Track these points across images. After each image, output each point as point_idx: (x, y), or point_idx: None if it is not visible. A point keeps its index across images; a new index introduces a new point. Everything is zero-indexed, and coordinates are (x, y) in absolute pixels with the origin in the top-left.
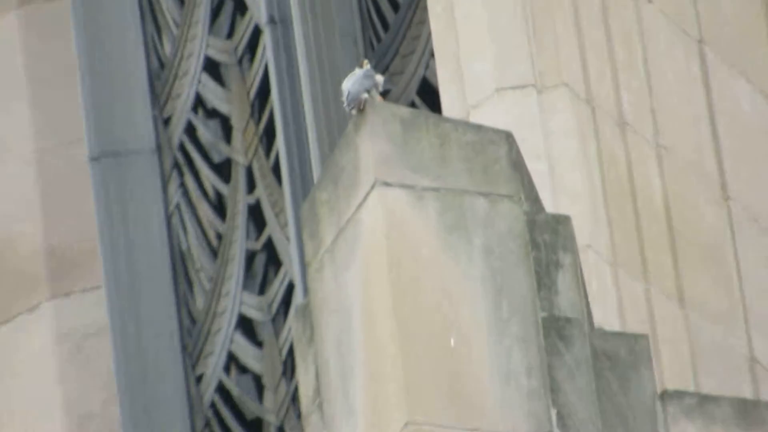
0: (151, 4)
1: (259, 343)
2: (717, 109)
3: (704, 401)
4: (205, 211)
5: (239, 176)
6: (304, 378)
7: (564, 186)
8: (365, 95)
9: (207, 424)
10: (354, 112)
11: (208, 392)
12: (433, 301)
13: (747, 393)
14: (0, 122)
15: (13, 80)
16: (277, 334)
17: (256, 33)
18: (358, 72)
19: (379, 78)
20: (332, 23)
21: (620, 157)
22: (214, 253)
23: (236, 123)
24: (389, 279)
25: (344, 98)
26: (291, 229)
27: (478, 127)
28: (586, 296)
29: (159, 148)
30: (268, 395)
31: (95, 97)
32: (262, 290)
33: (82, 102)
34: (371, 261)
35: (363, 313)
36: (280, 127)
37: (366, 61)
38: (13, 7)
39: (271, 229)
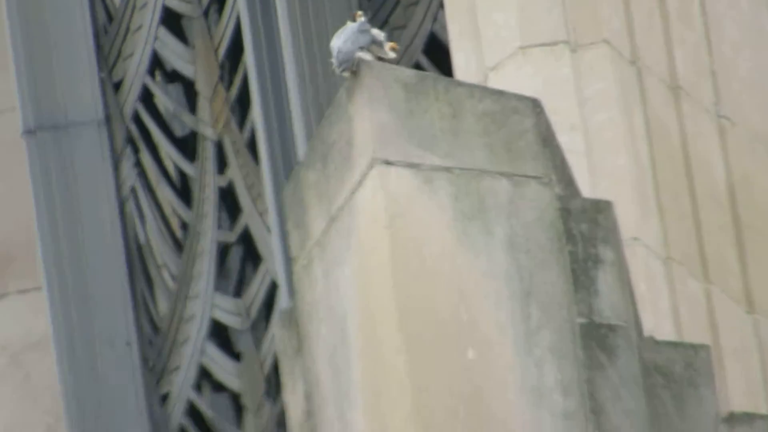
0: None
1: (236, 356)
2: None
3: None
4: (167, 194)
5: (207, 153)
6: (292, 398)
7: (604, 165)
8: (360, 54)
9: None
10: (346, 74)
11: (175, 414)
12: (447, 305)
13: None
14: None
15: None
16: (257, 344)
17: None
18: (350, 26)
19: (377, 33)
20: None
21: (673, 130)
22: (178, 246)
23: (202, 88)
24: (393, 279)
25: (334, 58)
26: (272, 218)
27: (499, 94)
28: (633, 299)
29: (108, 119)
30: (248, 418)
31: (29, 57)
32: (238, 291)
33: (12, 64)
34: (370, 256)
35: (361, 319)
36: (256, 93)
37: (360, 13)
38: None
39: (248, 217)
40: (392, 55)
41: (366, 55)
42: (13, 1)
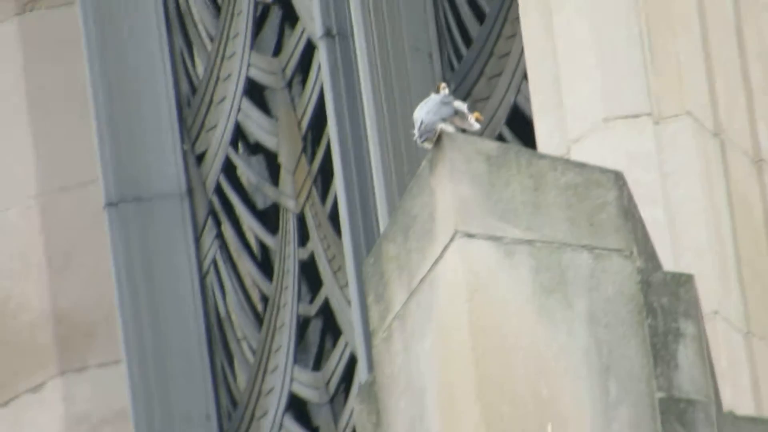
0: (179, 12)
1: (314, 430)
2: None
3: None
4: (248, 267)
5: (289, 225)
6: None
7: (686, 239)
8: (442, 125)
9: None
10: (427, 145)
11: None
12: (527, 380)
13: None
14: None
15: (10, 106)
16: (335, 418)
17: (309, 49)
18: (433, 97)
19: (459, 104)
20: (402, 37)
21: (756, 203)
22: (258, 319)
23: (285, 160)
24: (473, 353)
25: (416, 129)
26: (352, 291)
27: (581, 166)
28: (713, 373)
29: (190, 192)
30: None
31: (112, 128)
32: (317, 365)
33: (95, 134)
34: (450, 330)
35: (441, 394)
36: (339, 165)
37: (443, 85)
38: (11, 14)
39: (329, 290)
40: (476, 126)
41: (448, 127)
42: (98, 71)
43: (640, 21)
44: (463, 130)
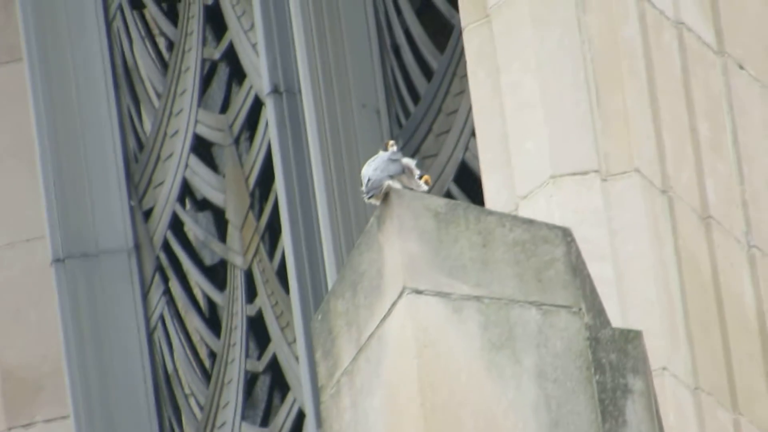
0: (127, 68)
1: None
2: None
3: None
4: (195, 323)
5: (237, 282)
6: None
7: (634, 295)
8: (389, 182)
9: None
10: (374, 202)
11: None
12: None
13: None
14: None
15: None
16: None
17: (257, 105)
18: (381, 155)
19: (408, 161)
20: (350, 93)
21: (704, 259)
22: (206, 375)
23: (232, 217)
24: (422, 409)
25: (363, 186)
26: (300, 347)
27: (530, 223)
28: (661, 429)
29: (138, 248)
30: None
31: (59, 184)
32: (265, 421)
33: (42, 190)
34: (399, 386)
35: None
36: (286, 221)
37: (392, 142)
38: None
39: (277, 346)
40: (424, 187)
41: (396, 184)
42: (45, 127)
43: (588, 78)
44: (411, 189)
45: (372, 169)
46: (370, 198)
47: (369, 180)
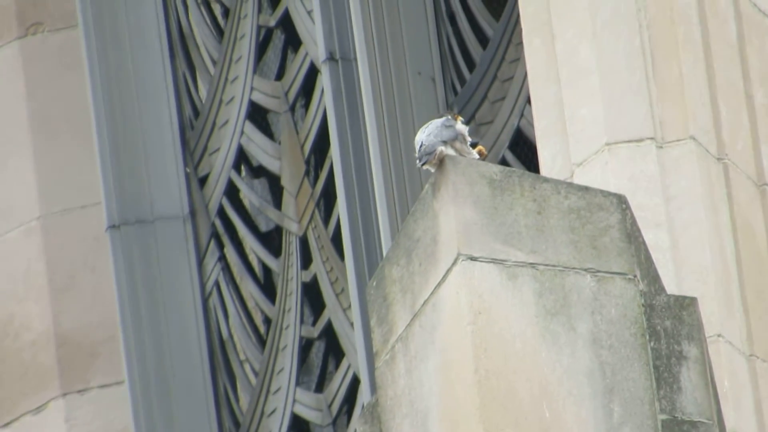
0: (182, 35)
1: None
2: None
3: None
4: (250, 289)
5: (291, 248)
6: None
7: (689, 262)
8: (442, 148)
9: None
10: (428, 167)
11: None
12: (530, 402)
13: None
14: None
15: (13, 128)
16: None
17: (312, 73)
18: (435, 121)
19: (462, 128)
20: (405, 61)
21: (759, 227)
22: (261, 341)
23: (288, 184)
24: (476, 375)
25: (416, 151)
26: (355, 313)
27: (585, 190)
28: (716, 396)
29: (193, 214)
30: None
31: (114, 151)
32: (320, 387)
33: (98, 157)
34: (454, 353)
35: (444, 416)
36: (342, 189)
37: (459, 117)
38: (14, 36)
39: (331, 312)
40: (477, 156)
41: (449, 150)
42: (100, 94)
43: (643, 46)
44: (463, 155)
45: (425, 135)
46: (423, 165)
47: (422, 145)
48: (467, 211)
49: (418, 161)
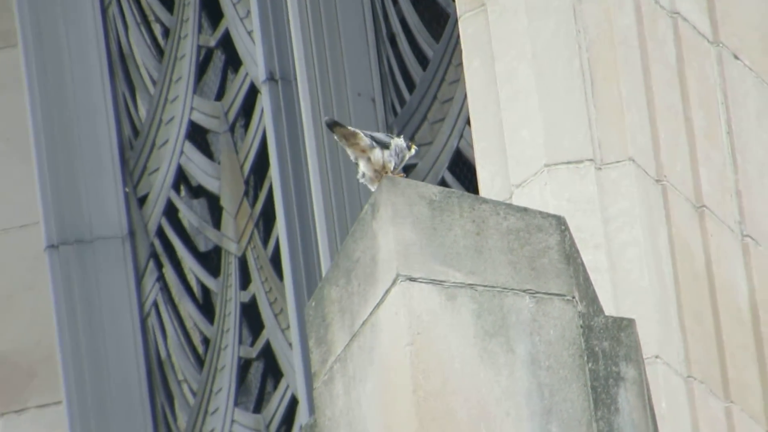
0: (122, 55)
1: None
2: None
3: None
4: (189, 309)
5: (231, 268)
6: None
7: (628, 283)
8: (367, 140)
9: None
10: (339, 135)
11: None
12: (468, 423)
13: None
14: None
15: None
16: None
17: (252, 93)
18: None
19: (401, 142)
20: (345, 81)
21: (697, 248)
22: (199, 361)
23: (227, 204)
24: (414, 396)
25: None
26: (294, 333)
27: (524, 211)
28: (654, 417)
29: (132, 234)
30: None
31: (53, 171)
32: (258, 407)
33: (37, 177)
34: (392, 373)
35: None
36: (281, 209)
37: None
38: None
39: (270, 332)
40: (413, 151)
41: (377, 151)
42: (39, 115)
43: (583, 67)
44: (405, 171)
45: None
46: (328, 122)
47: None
48: (406, 232)
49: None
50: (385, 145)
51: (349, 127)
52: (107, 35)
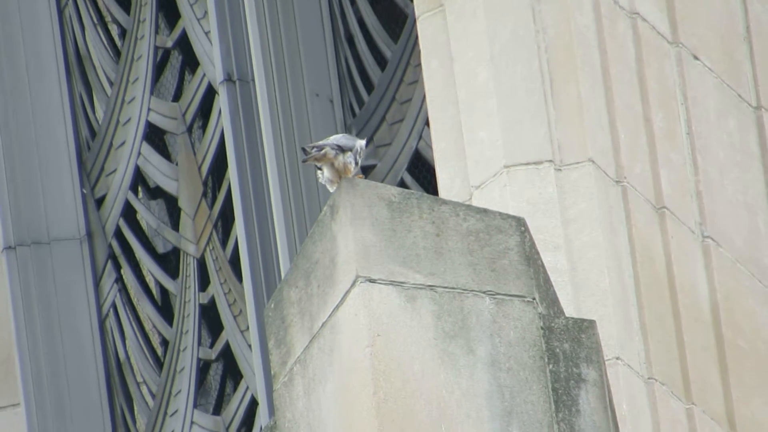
0: (79, 56)
1: None
2: None
3: None
4: (148, 311)
5: (189, 270)
6: None
7: (588, 285)
8: (330, 150)
9: None
10: (321, 173)
11: None
12: (429, 425)
13: None
14: None
15: None
16: None
17: (210, 94)
18: (334, 136)
19: (361, 143)
20: (303, 82)
21: (657, 249)
22: (158, 363)
23: (185, 205)
24: (374, 398)
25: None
26: (253, 335)
27: (483, 212)
28: (615, 419)
29: (90, 235)
30: None
31: (10, 172)
32: (218, 409)
33: None
34: (352, 375)
35: None
36: (239, 210)
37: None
38: None
39: (229, 334)
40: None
41: (340, 158)
42: None
43: (542, 68)
44: (364, 172)
45: (323, 141)
46: (305, 160)
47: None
48: (366, 233)
49: (303, 153)
50: (348, 149)
51: (317, 151)
52: (64, 36)
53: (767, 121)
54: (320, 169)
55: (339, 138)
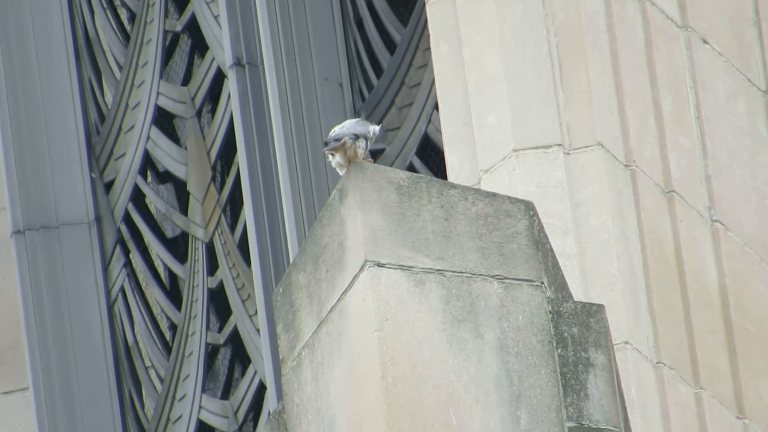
0: (88, 40)
1: None
2: None
3: None
4: (156, 295)
5: (198, 254)
6: None
7: (597, 269)
8: (349, 139)
9: None
10: (329, 154)
11: None
12: (437, 409)
13: None
14: None
15: None
16: None
17: (219, 78)
18: (350, 120)
19: (374, 128)
20: (312, 66)
21: (666, 234)
22: (167, 347)
23: (194, 189)
24: (383, 382)
25: (328, 139)
26: (261, 319)
27: (492, 196)
28: (623, 403)
29: (98, 220)
30: None
31: (19, 156)
32: (225, 393)
33: (3, 162)
34: (360, 360)
35: (350, 423)
36: (248, 194)
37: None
38: None
39: (237, 318)
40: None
41: (359, 144)
42: (5, 100)
43: (551, 52)
44: (373, 156)
45: (340, 127)
46: (327, 149)
47: (334, 134)
48: (374, 217)
49: (324, 146)
50: (362, 135)
51: (335, 142)
52: (73, 20)
53: None
54: (332, 153)
55: (354, 125)
